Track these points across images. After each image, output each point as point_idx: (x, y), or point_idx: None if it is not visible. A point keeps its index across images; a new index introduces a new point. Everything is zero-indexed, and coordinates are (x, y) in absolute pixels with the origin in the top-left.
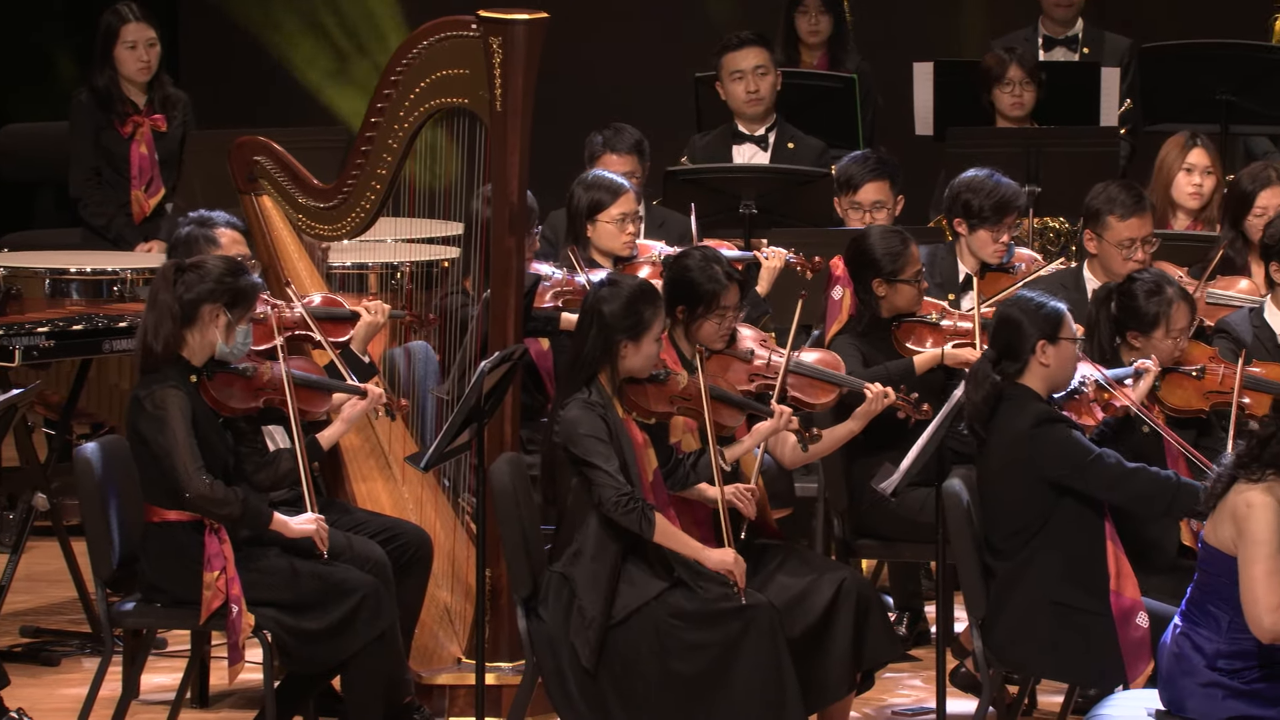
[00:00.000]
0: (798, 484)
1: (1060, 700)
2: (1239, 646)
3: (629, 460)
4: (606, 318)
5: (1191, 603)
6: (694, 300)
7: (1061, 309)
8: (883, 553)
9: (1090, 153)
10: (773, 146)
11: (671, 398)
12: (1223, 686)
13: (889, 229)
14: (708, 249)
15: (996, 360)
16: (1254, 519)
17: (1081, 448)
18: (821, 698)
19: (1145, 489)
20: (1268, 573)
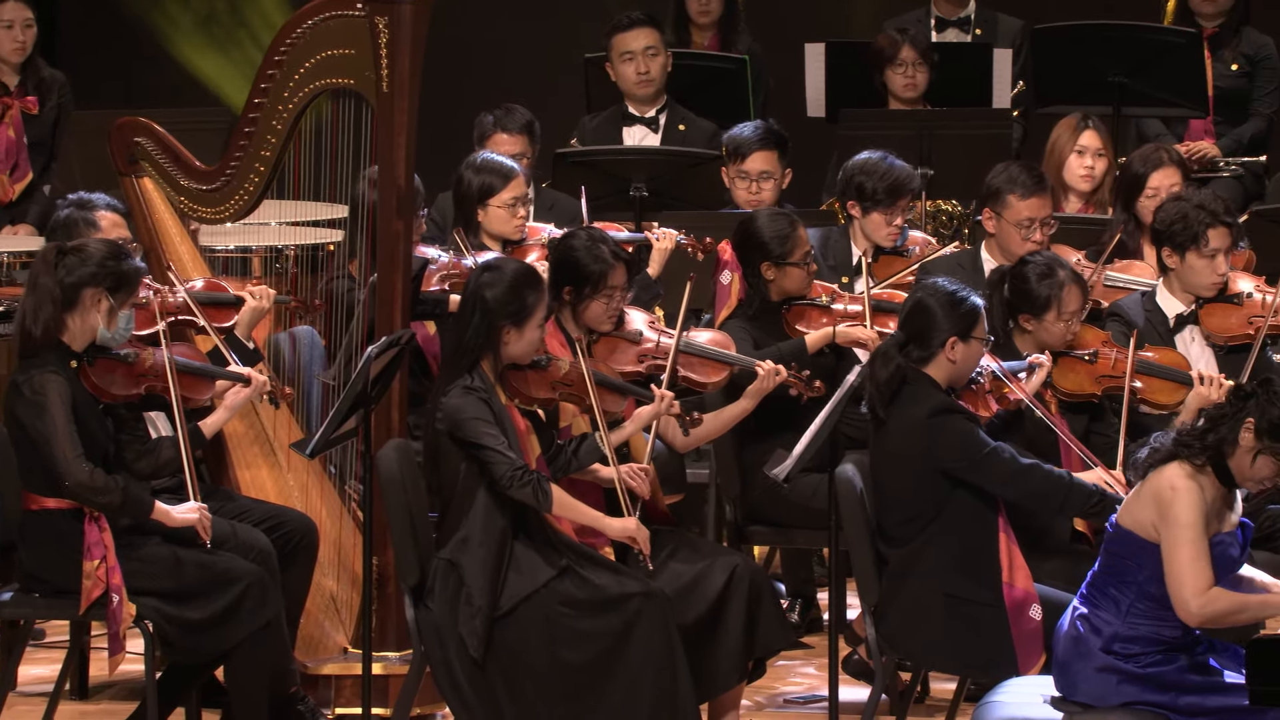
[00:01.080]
0: (690, 470)
1: (953, 688)
2: (1136, 630)
3: (513, 446)
4: (489, 303)
5: (1092, 585)
6: (580, 281)
7: (980, 307)
8: (775, 539)
9: (983, 135)
10: (663, 128)
11: (554, 383)
12: (1117, 671)
13: (777, 212)
14: (593, 229)
15: (904, 343)
16: (1178, 502)
17: (977, 440)
18: (713, 686)
19: (1038, 487)
20: (1192, 557)
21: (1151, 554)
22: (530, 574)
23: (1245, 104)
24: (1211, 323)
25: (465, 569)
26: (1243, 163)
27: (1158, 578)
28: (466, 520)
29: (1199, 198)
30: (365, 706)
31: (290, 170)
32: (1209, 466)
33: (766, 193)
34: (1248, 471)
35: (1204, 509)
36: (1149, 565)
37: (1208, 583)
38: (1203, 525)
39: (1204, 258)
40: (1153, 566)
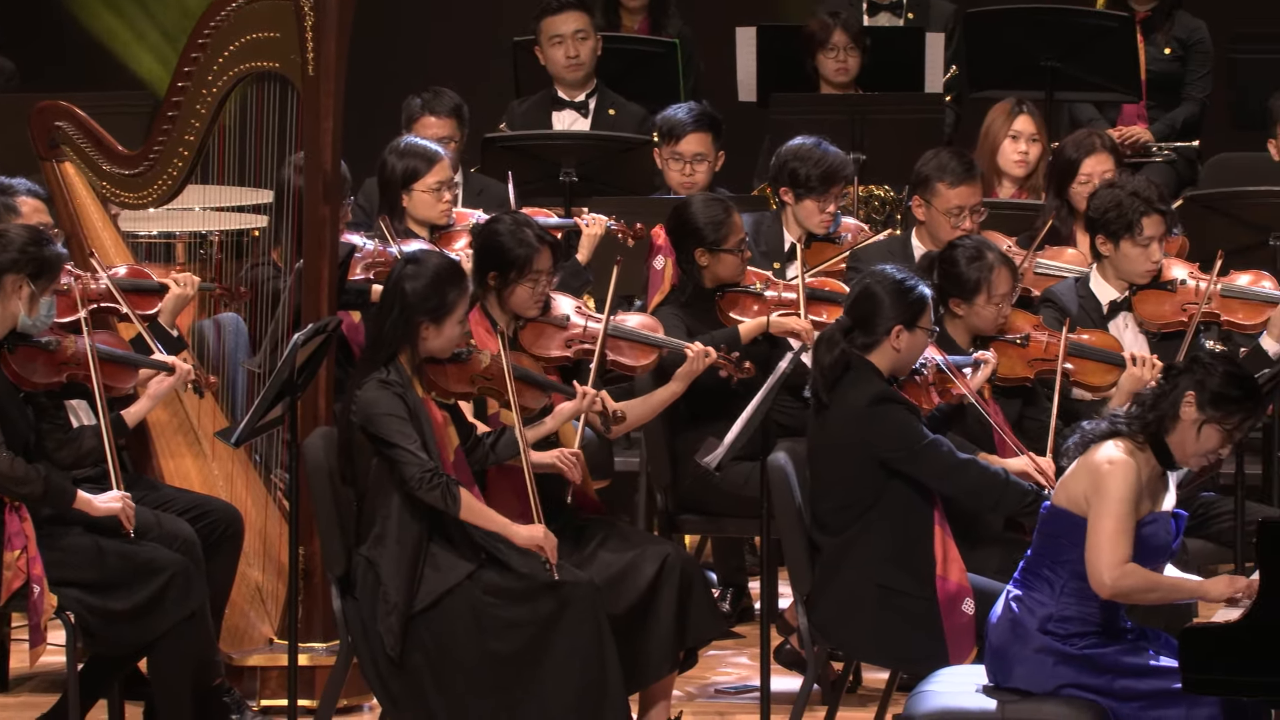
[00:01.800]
0: (620, 458)
1: (885, 677)
2: (1070, 610)
3: (429, 440)
4: (409, 297)
5: (1026, 569)
6: (505, 266)
7: (927, 297)
8: (706, 528)
9: (915, 119)
10: (593, 113)
11: (473, 377)
12: (1054, 652)
13: (711, 197)
14: (518, 214)
15: (849, 329)
16: (1114, 476)
17: (916, 432)
18: (643, 676)
19: (974, 483)
20: (1116, 531)
21: (1084, 531)
22: (448, 570)
23: (1178, 88)
24: (1145, 309)
25: (381, 567)
26: (1176, 148)
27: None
28: (382, 516)
29: (1133, 185)
30: (291, 698)
31: (215, 155)
32: (1148, 445)
33: (700, 175)
34: (1192, 446)
35: (1138, 487)
36: (1080, 542)
37: (1124, 557)
38: (1134, 502)
39: (1138, 245)
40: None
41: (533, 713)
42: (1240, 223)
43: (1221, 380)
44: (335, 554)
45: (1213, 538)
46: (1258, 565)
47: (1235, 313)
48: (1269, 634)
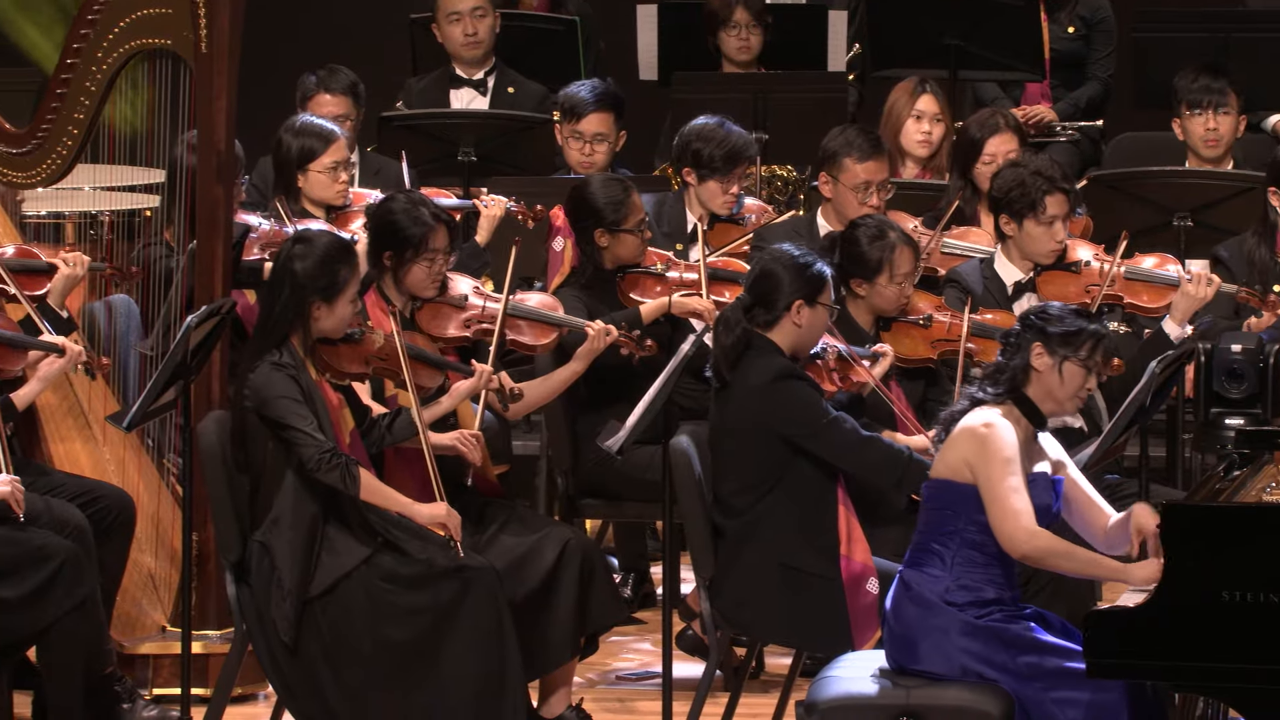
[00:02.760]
0: (520, 442)
1: (788, 663)
2: (966, 579)
3: (324, 424)
4: (299, 276)
5: (915, 548)
6: (401, 245)
7: (827, 274)
8: (608, 512)
9: (818, 98)
10: (492, 91)
11: (367, 358)
12: (955, 622)
13: (611, 177)
14: (413, 192)
15: (750, 307)
16: (993, 437)
17: (819, 409)
18: (544, 663)
19: (877, 460)
20: (1015, 488)
21: (968, 498)
22: (344, 554)
23: (1082, 67)
24: (1049, 290)
25: (275, 551)
26: (1080, 127)
27: (977, 523)
28: (277, 501)
29: (1036, 164)
30: (184, 686)
31: (105, 133)
32: (1015, 407)
33: (600, 155)
34: (1059, 392)
35: (1018, 445)
36: (967, 510)
37: (1029, 511)
38: (1019, 458)
39: (1042, 225)
40: (971, 512)
41: (431, 701)
42: (1144, 203)
43: (1058, 319)
44: (230, 539)
45: None
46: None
47: (1139, 295)
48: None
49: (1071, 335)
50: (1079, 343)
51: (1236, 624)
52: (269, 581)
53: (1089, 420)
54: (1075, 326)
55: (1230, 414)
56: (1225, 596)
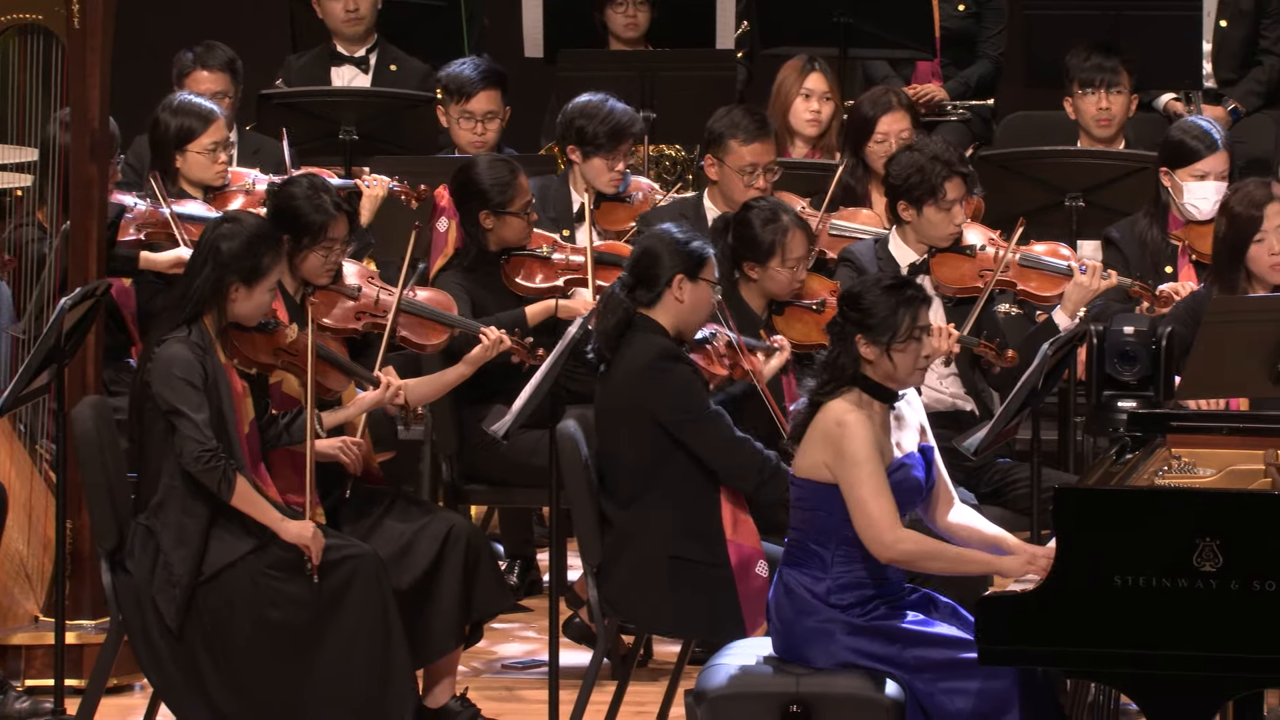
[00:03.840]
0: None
1: (677, 650)
2: (846, 579)
3: (226, 410)
4: (223, 255)
5: (792, 545)
6: (299, 231)
7: (709, 252)
8: (493, 498)
9: (706, 76)
10: (374, 69)
11: (277, 350)
12: (838, 623)
13: (497, 158)
14: (315, 177)
15: (631, 287)
16: (848, 437)
17: (699, 398)
18: (429, 651)
19: (745, 461)
20: (875, 491)
21: (834, 497)
22: (233, 540)
23: (973, 46)
24: (942, 273)
25: (163, 536)
26: (970, 106)
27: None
28: (165, 483)
29: (933, 148)
30: (58, 678)
31: None
32: (862, 392)
33: (491, 134)
34: (898, 374)
35: (875, 438)
36: (836, 509)
37: (894, 516)
38: (878, 458)
39: (941, 209)
40: (841, 509)
41: (314, 691)
42: (1036, 183)
43: (870, 310)
44: (106, 527)
45: (1009, 505)
46: (1054, 533)
47: (1030, 282)
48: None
49: (887, 321)
50: (896, 325)
51: (1128, 609)
52: (153, 566)
53: (980, 404)
54: (888, 311)
55: (1122, 396)
56: (1117, 581)
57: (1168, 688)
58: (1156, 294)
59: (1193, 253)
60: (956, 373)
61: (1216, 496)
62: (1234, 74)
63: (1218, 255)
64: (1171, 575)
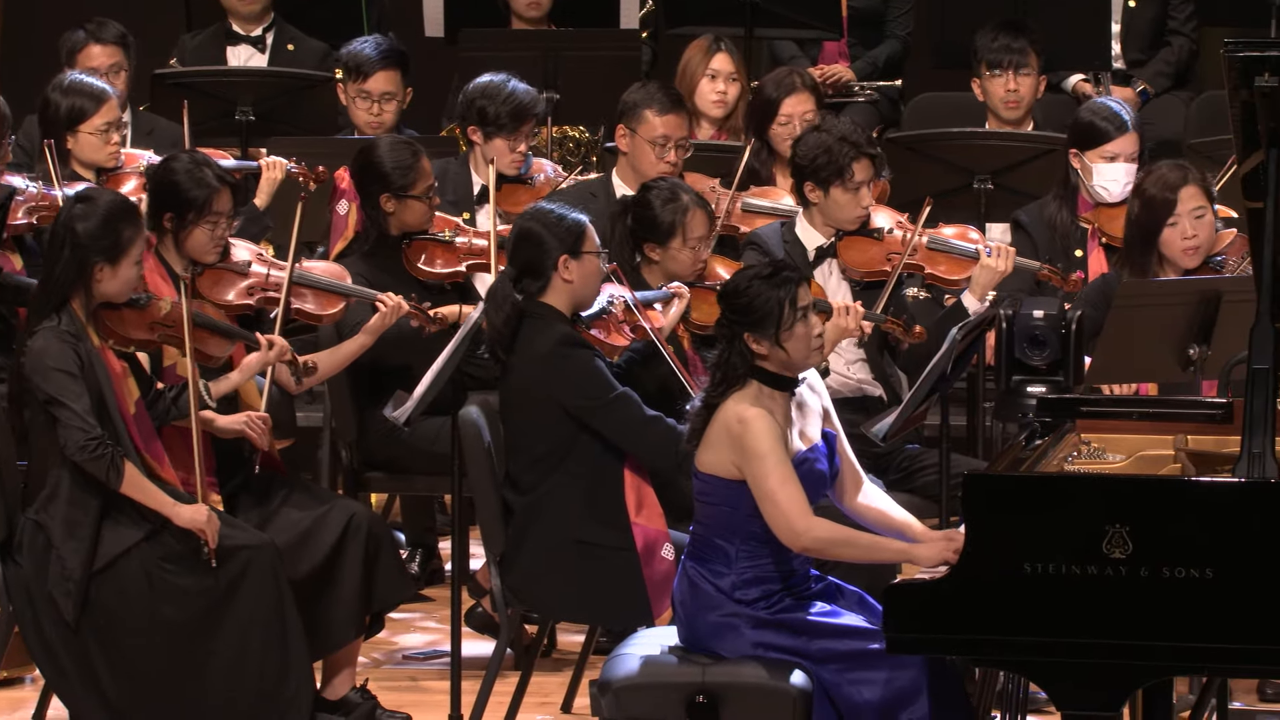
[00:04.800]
0: (302, 412)
1: (581, 640)
2: (750, 574)
3: (106, 393)
4: (80, 237)
5: (696, 539)
6: (182, 207)
7: (583, 220)
8: (394, 486)
9: (611, 57)
10: (271, 48)
11: (152, 324)
12: (743, 618)
13: (399, 140)
14: (196, 152)
15: (517, 278)
16: (749, 433)
17: (604, 382)
18: (328, 642)
19: (659, 440)
20: (782, 481)
21: (742, 494)
22: (126, 529)
23: (880, 26)
24: (849, 256)
25: (53, 530)
26: (878, 87)
27: (755, 515)
28: (53, 476)
29: (840, 129)
30: None
31: None
32: (761, 385)
33: (389, 115)
34: (793, 361)
35: (778, 431)
36: (742, 505)
37: (804, 505)
38: (783, 449)
39: (849, 192)
40: (747, 505)
41: (209, 683)
42: (944, 165)
43: (747, 307)
44: None
45: (918, 491)
46: (963, 519)
47: (939, 265)
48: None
49: (769, 312)
50: (779, 313)
51: (1037, 596)
52: (44, 560)
53: (888, 389)
54: (766, 301)
55: (1032, 381)
56: (1027, 568)
57: (1077, 676)
58: (1068, 278)
59: (1102, 235)
60: (865, 358)
61: (1126, 483)
62: (1143, 55)
63: (1130, 238)
64: (1081, 562)
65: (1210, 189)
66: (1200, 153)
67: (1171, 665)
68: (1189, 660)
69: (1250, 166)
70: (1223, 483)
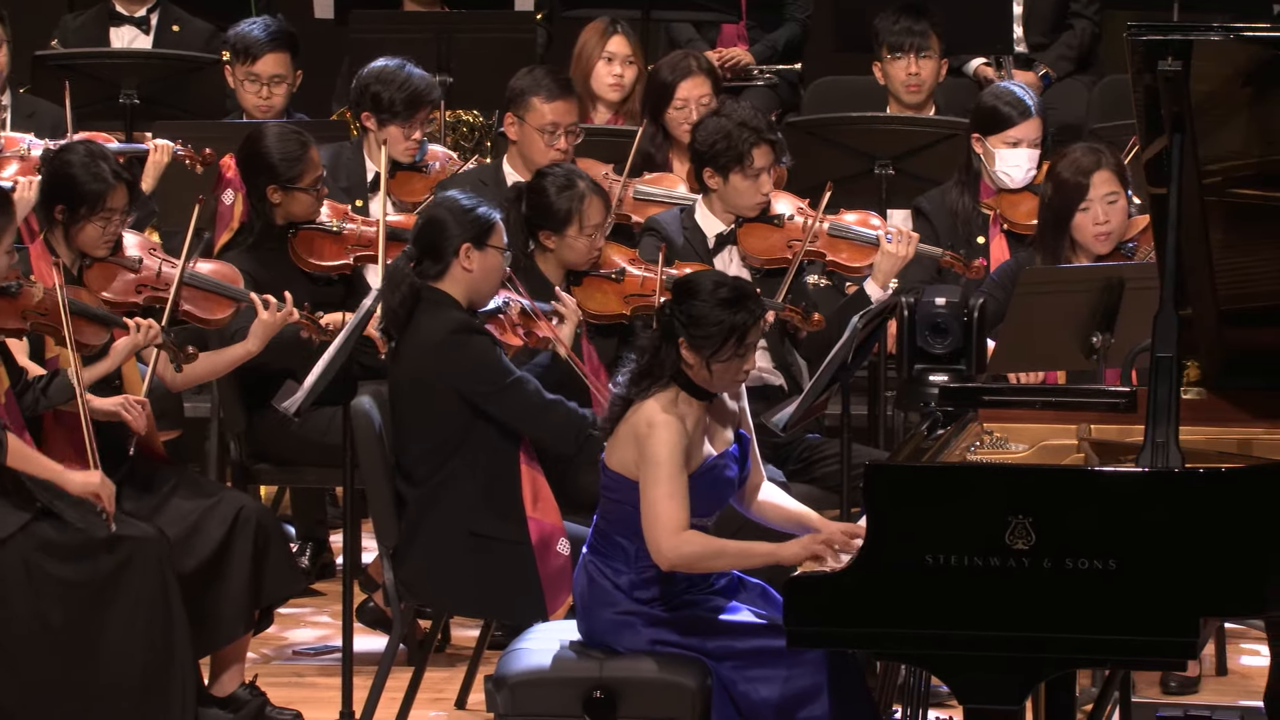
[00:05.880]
0: (189, 403)
1: (476, 635)
2: (652, 574)
3: None
4: None
5: (598, 533)
6: (75, 200)
7: (495, 217)
8: (284, 478)
9: (505, 39)
10: (155, 29)
11: (24, 312)
12: (640, 616)
13: (287, 129)
14: (93, 144)
15: (417, 260)
16: (653, 438)
17: (501, 367)
18: (215, 638)
19: (559, 424)
20: (667, 494)
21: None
22: (6, 515)
23: (780, 8)
24: (749, 243)
25: None
26: (777, 70)
27: None
28: None
29: (740, 114)
30: None
31: None
32: (680, 390)
33: (278, 98)
34: (716, 383)
35: (683, 442)
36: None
37: (680, 523)
38: (679, 462)
39: (749, 178)
40: None
41: (92, 679)
42: (844, 150)
43: (699, 321)
44: None
45: (818, 482)
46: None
47: (840, 252)
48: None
49: (713, 337)
50: (721, 343)
51: (939, 588)
52: None
53: (789, 378)
54: (716, 327)
55: (934, 370)
56: (929, 560)
57: (979, 669)
58: (970, 264)
59: (1004, 222)
60: (765, 346)
61: (1029, 473)
62: (1045, 38)
63: (1043, 222)
64: (984, 554)
65: (1125, 173)
66: (1103, 137)
67: (1074, 658)
68: (1091, 652)
69: (1154, 152)
70: (1126, 473)
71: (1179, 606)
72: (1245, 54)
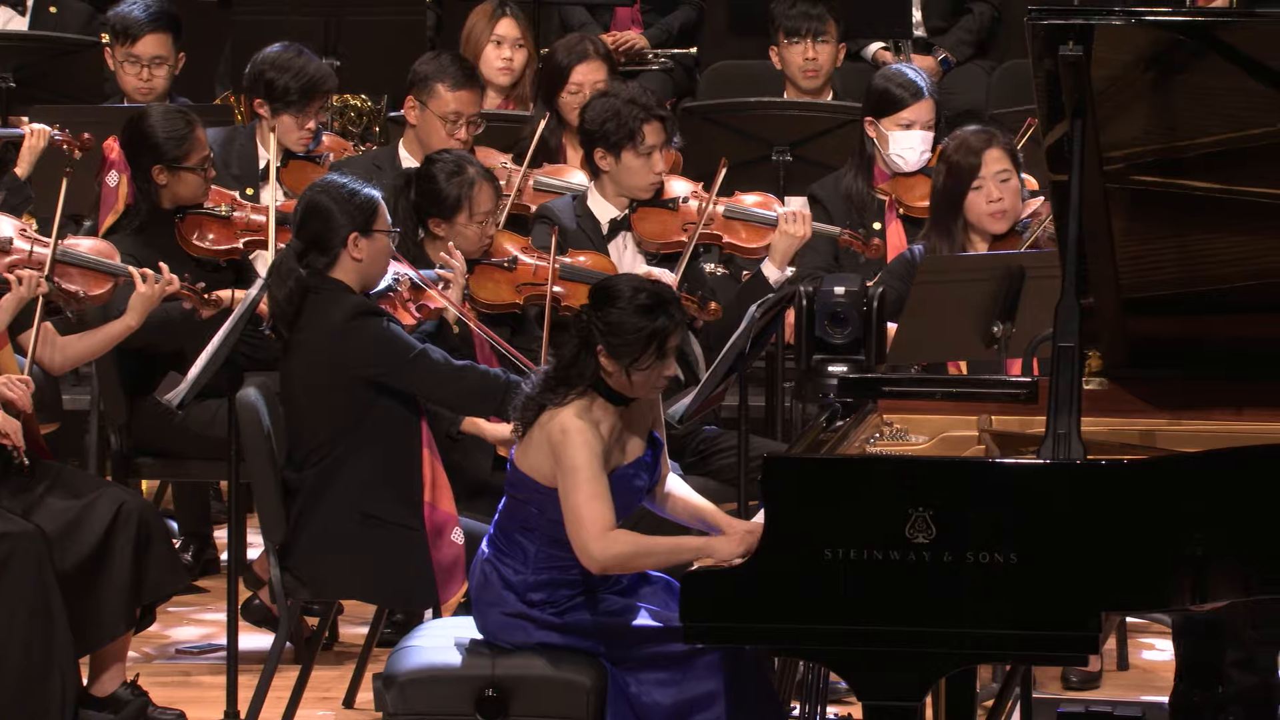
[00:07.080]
0: (69, 395)
1: (364, 632)
2: (546, 577)
3: None
4: None
5: (499, 529)
6: None
7: (376, 197)
8: (167, 472)
9: (394, 22)
10: (32, 10)
11: None
12: (532, 619)
13: (172, 109)
14: None
15: (303, 252)
16: (569, 444)
17: (403, 343)
18: (95, 637)
19: (475, 386)
20: (590, 497)
21: (551, 499)
22: None
23: None
24: (644, 228)
25: None
26: (672, 55)
27: (561, 522)
28: None
29: (628, 92)
30: None
31: None
32: (596, 395)
33: (159, 80)
34: (636, 389)
35: (599, 448)
36: (550, 510)
37: (606, 524)
38: (598, 465)
39: (640, 156)
40: (554, 511)
41: None
42: (741, 136)
43: (617, 328)
44: None
45: (715, 474)
46: (762, 502)
47: (737, 234)
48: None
49: (631, 346)
50: (640, 352)
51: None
52: None
53: (685, 368)
54: (636, 332)
55: (833, 360)
56: (827, 554)
57: (878, 664)
58: (869, 243)
59: (900, 206)
60: None
61: (929, 465)
62: (944, 22)
63: (936, 206)
64: (884, 547)
65: (1016, 153)
66: (1003, 123)
67: (974, 653)
68: (991, 648)
69: (1055, 138)
70: (1027, 464)
71: (1080, 600)
72: (1147, 38)
